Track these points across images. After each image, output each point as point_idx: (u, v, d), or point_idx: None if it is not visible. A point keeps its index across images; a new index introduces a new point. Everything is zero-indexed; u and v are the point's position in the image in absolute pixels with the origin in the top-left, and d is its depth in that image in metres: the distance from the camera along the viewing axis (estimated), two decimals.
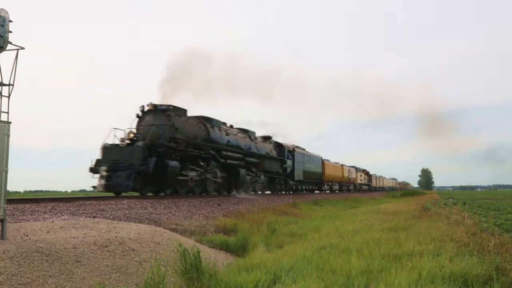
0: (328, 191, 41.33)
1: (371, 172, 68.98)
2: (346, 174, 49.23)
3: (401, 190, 67.94)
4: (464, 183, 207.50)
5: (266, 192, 25.38)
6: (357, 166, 59.53)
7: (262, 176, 23.93)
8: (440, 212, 13.45)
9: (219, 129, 18.90)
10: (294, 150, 30.63)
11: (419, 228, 8.62)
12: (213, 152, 17.55)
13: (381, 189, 75.16)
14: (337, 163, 47.62)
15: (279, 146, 28.07)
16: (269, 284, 4.71)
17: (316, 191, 38.10)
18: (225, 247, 8.05)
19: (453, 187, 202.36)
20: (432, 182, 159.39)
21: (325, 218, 13.57)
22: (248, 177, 21.25)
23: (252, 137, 23.13)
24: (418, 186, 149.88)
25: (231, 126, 21.35)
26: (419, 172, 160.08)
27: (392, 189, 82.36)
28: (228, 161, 18.94)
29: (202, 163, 16.76)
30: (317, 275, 4.81)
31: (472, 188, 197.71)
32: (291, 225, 11.03)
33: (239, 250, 7.94)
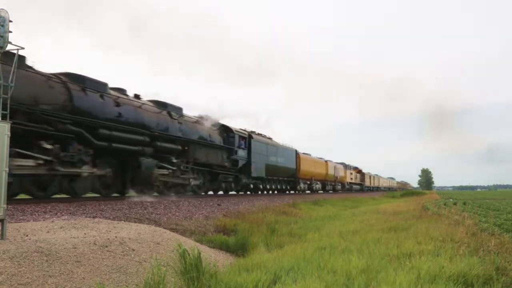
0: (309, 191, 35.24)
1: (364, 170, 62.76)
2: (331, 172, 42.29)
3: (400, 190, 67.32)
4: (464, 183, 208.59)
5: (209, 193, 19.30)
6: (347, 163, 53.28)
7: (193, 170, 17.08)
8: (440, 212, 13.46)
9: (101, 96, 12.39)
10: (250, 137, 23.11)
11: (419, 228, 8.63)
12: (75, 128, 11.22)
13: (377, 189, 70.13)
14: (321, 158, 41.41)
15: (226, 130, 20.80)
16: (269, 284, 4.71)
17: (291, 191, 32.02)
18: (225, 247, 8.07)
19: (453, 187, 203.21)
20: (432, 182, 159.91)
21: (325, 218, 13.57)
22: (163, 171, 14.97)
23: (175, 114, 16.06)
24: (418, 186, 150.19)
25: (137, 96, 14.71)
26: (419, 172, 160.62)
27: (389, 189, 79.01)
28: (115, 144, 12.55)
29: (49, 146, 10.45)
30: (318, 275, 4.82)
31: (472, 188, 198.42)
32: (291, 225, 11.04)
33: (239, 250, 7.96)
